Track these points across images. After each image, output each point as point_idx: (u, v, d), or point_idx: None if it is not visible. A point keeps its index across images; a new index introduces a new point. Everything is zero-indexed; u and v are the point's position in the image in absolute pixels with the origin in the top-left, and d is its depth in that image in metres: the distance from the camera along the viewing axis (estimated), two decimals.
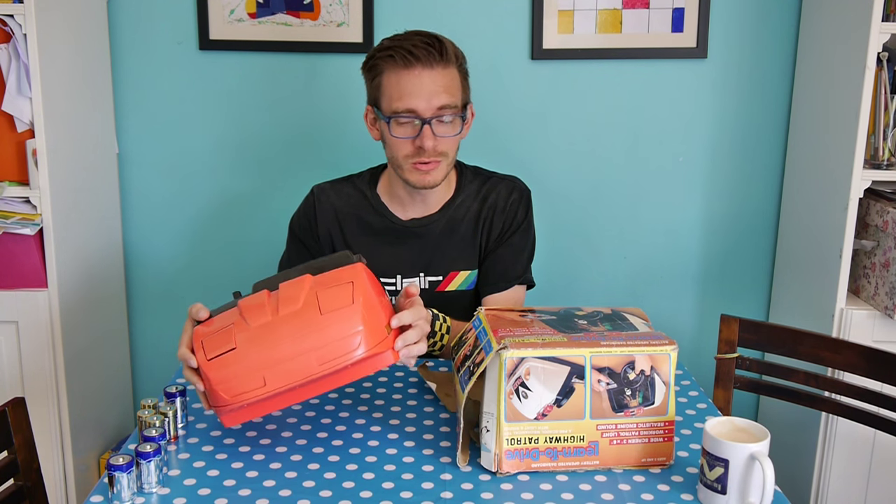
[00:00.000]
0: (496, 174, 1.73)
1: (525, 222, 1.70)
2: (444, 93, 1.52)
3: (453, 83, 1.55)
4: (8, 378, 1.96)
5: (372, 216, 1.69)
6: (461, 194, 1.69)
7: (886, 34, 1.84)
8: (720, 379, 1.69)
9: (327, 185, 1.73)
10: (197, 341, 1.22)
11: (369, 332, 1.18)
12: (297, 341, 1.16)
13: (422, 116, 1.52)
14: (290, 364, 1.16)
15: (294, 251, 1.71)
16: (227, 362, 1.18)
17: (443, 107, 1.53)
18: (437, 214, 1.67)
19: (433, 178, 1.58)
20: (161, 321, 2.40)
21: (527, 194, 1.72)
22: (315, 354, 1.16)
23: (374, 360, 1.20)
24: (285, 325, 1.18)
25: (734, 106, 2.27)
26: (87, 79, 2.10)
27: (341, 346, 1.17)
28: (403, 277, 1.67)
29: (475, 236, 1.68)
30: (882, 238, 1.93)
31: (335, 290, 1.20)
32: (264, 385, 1.16)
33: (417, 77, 1.51)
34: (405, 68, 1.51)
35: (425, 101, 1.52)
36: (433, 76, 1.52)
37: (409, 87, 1.52)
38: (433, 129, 1.53)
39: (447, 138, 1.56)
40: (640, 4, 2.18)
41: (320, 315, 1.18)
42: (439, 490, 1.17)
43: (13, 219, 1.87)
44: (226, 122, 2.29)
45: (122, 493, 1.14)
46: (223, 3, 2.19)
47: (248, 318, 1.20)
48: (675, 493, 1.17)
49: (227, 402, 1.18)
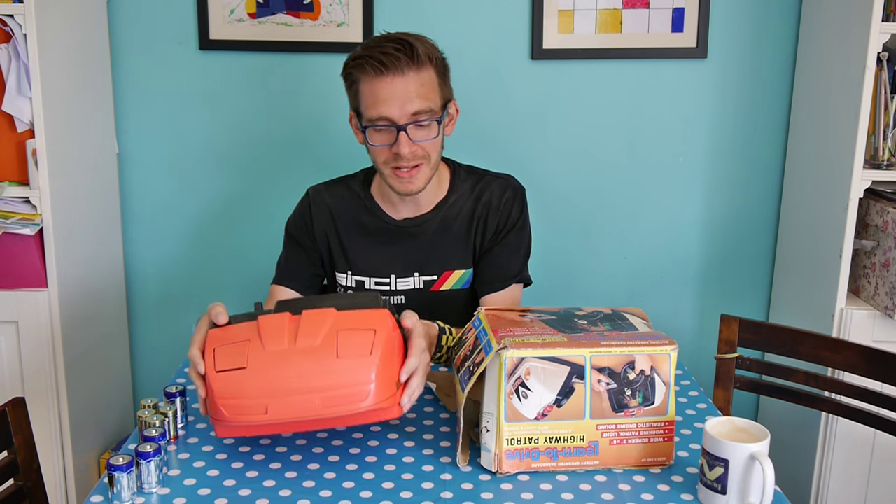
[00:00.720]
0: (490, 172, 1.73)
1: (520, 221, 1.69)
2: (417, 98, 1.50)
3: (427, 86, 1.53)
4: (8, 378, 1.96)
5: (366, 216, 1.69)
6: (454, 193, 1.68)
7: (886, 34, 1.84)
8: (720, 379, 1.69)
9: (322, 187, 1.73)
10: (210, 347, 1.21)
11: (379, 387, 1.16)
12: (307, 379, 1.16)
13: (397, 123, 1.51)
14: (295, 399, 1.15)
15: (291, 252, 1.71)
16: (234, 379, 1.17)
17: (417, 112, 1.51)
18: (430, 214, 1.67)
19: (416, 184, 1.57)
20: (161, 321, 2.40)
21: (521, 192, 1.71)
22: (322, 396, 1.15)
23: (378, 413, 1.20)
24: (299, 358, 1.17)
25: (734, 106, 2.27)
26: (87, 79, 2.10)
27: (350, 395, 1.16)
28: (398, 277, 1.67)
29: (469, 235, 1.68)
30: (882, 238, 1.93)
31: (356, 334, 1.19)
32: (265, 413, 1.16)
33: (389, 84, 1.50)
34: (377, 76, 1.50)
35: (398, 108, 1.50)
36: (405, 82, 1.50)
37: (383, 95, 1.50)
38: (409, 134, 1.52)
39: (425, 143, 1.54)
40: (640, 4, 2.18)
41: (336, 358, 1.16)
42: (439, 490, 1.17)
43: (13, 219, 1.87)
44: (226, 122, 2.29)
45: (122, 493, 1.14)
46: (223, 3, 2.19)
47: (264, 339, 1.19)
48: (675, 493, 1.17)
49: (226, 419, 1.18)
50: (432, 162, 1.58)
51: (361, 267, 1.68)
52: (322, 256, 1.70)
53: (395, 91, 1.50)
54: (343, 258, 1.69)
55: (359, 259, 1.68)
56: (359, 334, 1.19)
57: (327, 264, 1.71)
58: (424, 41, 1.55)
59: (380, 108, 1.51)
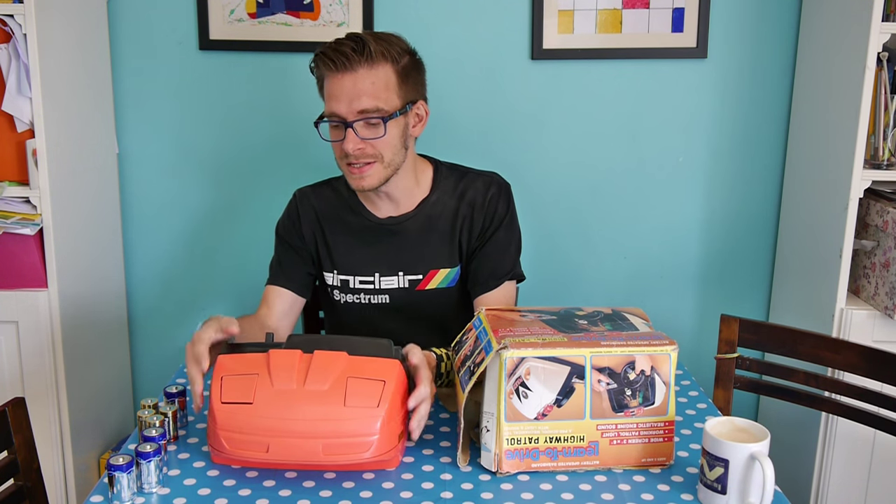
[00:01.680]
0: (473, 170, 1.72)
1: (507, 217, 1.68)
2: (365, 96, 1.51)
3: (379, 85, 1.52)
4: (8, 378, 1.96)
5: (350, 216, 1.69)
6: (437, 191, 1.68)
7: (886, 34, 1.84)
8: (720, 379, 1.69)
9: (308, 189, 1.75)
10: (217, 375, 1.22)
11: (382, 440, 1.18)
12: (311, 424, 1.16)
13: (344, 120, 1.52)
14: (297, 443, 1.16)
15: (282, 254, 1.72)
16: (239, 413, 1.17)
17: (364, 110, 1.51)
18: (412, 212, 1.67)
19: (368, 182, 1.57)
20: (161, 321, 2.40)
21: (506, 188, 1.70)
22: (324, 443, 1.16)
23: (378, 464, 1.21)
24: (306, 402, 1.17)
25: (734, 106, 2.27)
26: (87, 79, 2.10)
27: (353, 444, 1.17)
28: (382, 276, 1.67)
29: (454, 233, 1.67)
30: (882, 238, 1.93)
31: (365, 383, 1.19)
32: (266, 452, 1.17)
33: (339, 81, 1.51)
34: (330, 72, 1.52)
35: (346, 105, 1.51)
36: (354, 79, 1.51)
37: (334, 91, 1.52)
38: (356, 132, 1.52)
39: (373, 141, 1.54)
40: (640, 4, 2.18)
41: (343, 406, 1.17)
42: (439, 490, 1.17)
43: (13, 219, 1.87)
44: (226, 122, 2.29)
45: (122, 493, 1.14)
46: (223, 3, 2.19)
47: (273, 376, 1.20)
48: (675, 493, 1.17)
49: (225, 451, 1.18)
50: (386, 160, 1.56)
51: (346, 266, 1.68)
52: (312, 255, 1.71)
53: (345, 88, 1.51)
54: (329, 258, 1.70)
55: (343, 258, 1.69)
56: (368, 384, 1.19)
57: (316, 264, 1.72)
58: (388, 40, 1.55)
59: (331, 104, 1.53)
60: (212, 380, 1.22)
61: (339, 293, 1.70)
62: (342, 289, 1.69)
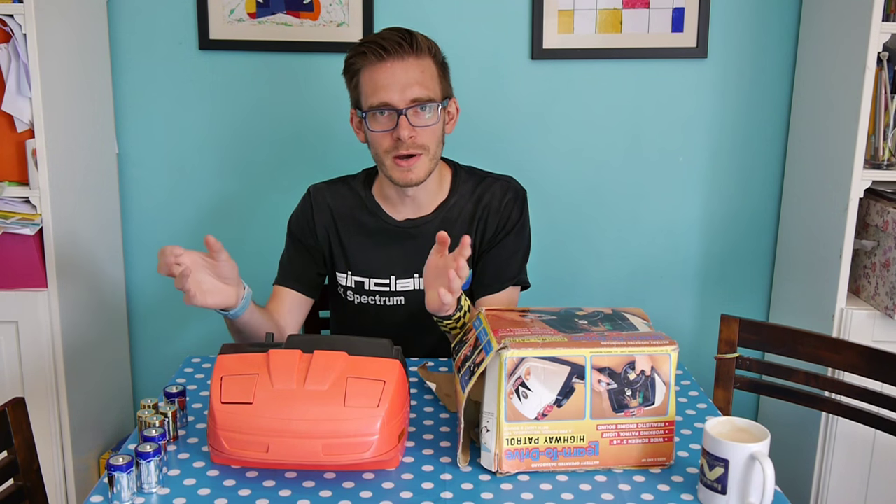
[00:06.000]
0: (491, 174, 1.73)
1: (519, 223, 1.68)
2: (416, 85, 1.53)
3: (427, 74, 1.55)
4: (8, 378, 1.96)
5: (366, 217, 1.68)
6: (455, 195, 1.68)
7: (886, 34, 1.84)
8: (720, 379, 1.69)
9: (323, 185, 1.73)
10: (217, 375, 1.22)
11: (382, 440, 1.18)
12: (311, 424, 1.16)
13: (396, 108, 1.53)
14: (297, 443, 1.16)
15: (294, 252, 1.71)
16: (239, 414, 1.17)
17: (416, 98, 1.53)
18: (431, 215, 1.67)
19: (415, 174, 1.57)
20: (161, 321, 2.39)
21: (522, 194, 1.70)
22: (324, 444, 1.16)
23: (377, 464, 1.21)
24: (306, 402, 1.17)
25: (734, 106, 2.27)
26: (87, 79, 2.10)
27: (352, 444, 1.17)
28: (398, 279, 1.67)
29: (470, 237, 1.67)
30: (882, 238, 1.93)
31: (365, 383, 1.20)
32: (266, 452, 1.17)
33: (390, 69, 1.52)
34: (378, 62, 1.53)
35: (398, 93, 1.52)
36: (405, 67, 1.53)
37: (383, 81, 1.53)
38: (409, 119, 1.53)
39: (425, 129, 1.55)
40: (640, 4, 2.18)
41: (343, 406, 1.17)
42: (439, 490, 1.17)
43: (13, 219, 1.87)
44: (226, 122, 2.29)
45: (122, 493, 1.14)
46: (223, 3, 2.19)
47: (273, 376, 1.20)
48: (675, 493, 1.17)
49: (225, 451, 1.18)
50: (431, 153, 1.58)
51: (361, 267, 1.68)
52: (324, 255, 1.70)
53: (396, 76, 1.52)
54: (343, 258, 1.69)
55: (359, 259, 1.68)
56: (368, 384, 1.19)
57: (328, 263, 1.71)
58: (424, 36, 1.58)
59: (380, 94, 1.53)
60: (212, 380, 1.22)
61: (353, 294, 1.69)
62: (356, 290, 1.69)
